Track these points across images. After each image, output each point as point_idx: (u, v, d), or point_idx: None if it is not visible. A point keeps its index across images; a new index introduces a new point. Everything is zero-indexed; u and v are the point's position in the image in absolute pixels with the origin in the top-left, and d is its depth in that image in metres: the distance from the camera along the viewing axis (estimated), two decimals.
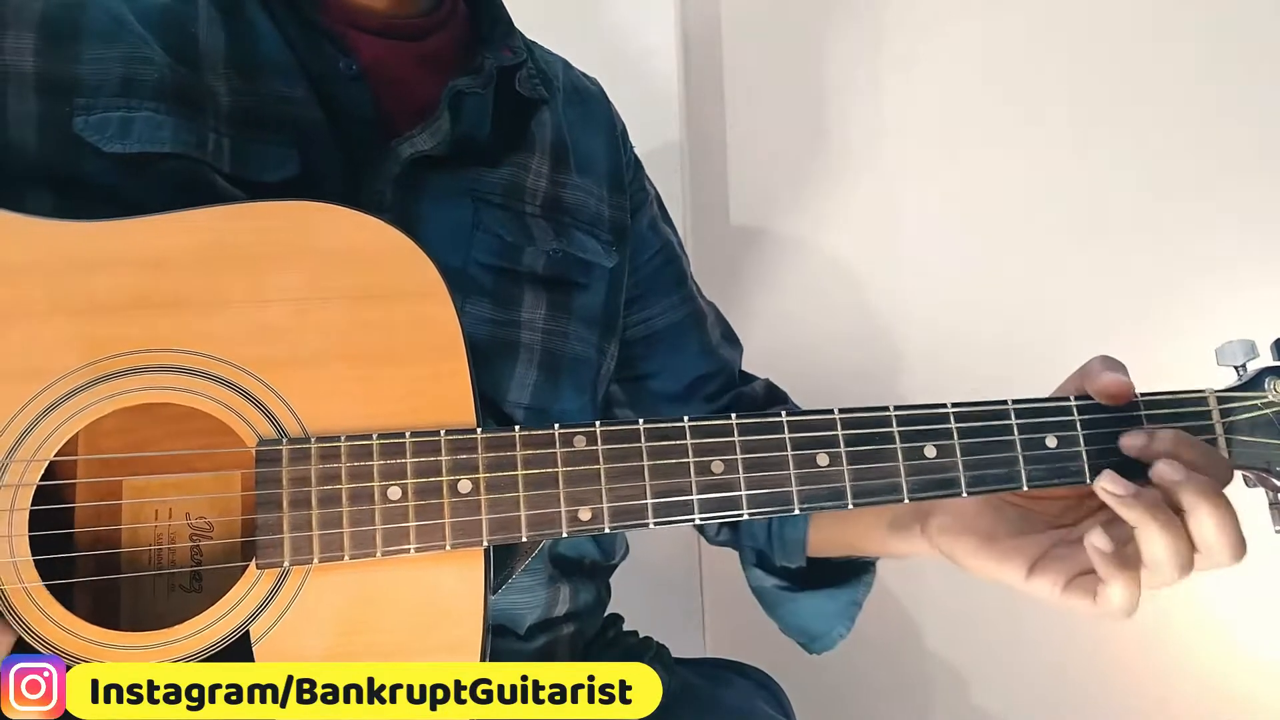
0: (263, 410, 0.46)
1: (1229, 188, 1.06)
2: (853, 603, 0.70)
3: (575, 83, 0.73)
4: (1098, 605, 0.47)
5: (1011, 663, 1.08)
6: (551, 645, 0.65)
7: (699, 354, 0.74)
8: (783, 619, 0.73)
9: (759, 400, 0.75)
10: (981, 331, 1.09)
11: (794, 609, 0.72)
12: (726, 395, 0.75)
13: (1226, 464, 0.49)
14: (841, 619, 0.71)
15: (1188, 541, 0.46)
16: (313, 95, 0.56)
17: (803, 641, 0.73)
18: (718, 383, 0.75)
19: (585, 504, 0.46)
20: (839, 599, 0.70)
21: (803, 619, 0.72)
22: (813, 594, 0.70)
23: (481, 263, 0.60)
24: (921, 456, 0.49)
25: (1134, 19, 1.11)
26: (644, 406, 0.73)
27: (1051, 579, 0.50)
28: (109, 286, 0.46)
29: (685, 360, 0.73)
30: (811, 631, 0.72)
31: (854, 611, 0.71)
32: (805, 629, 0.72)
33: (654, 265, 0.73)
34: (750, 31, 1.19)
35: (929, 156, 1.14)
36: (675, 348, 0.73)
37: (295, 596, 0.45)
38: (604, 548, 0.71)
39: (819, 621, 0.71)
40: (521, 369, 0.61)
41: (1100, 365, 0.51)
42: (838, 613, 0.71)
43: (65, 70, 0.52)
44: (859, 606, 0.71)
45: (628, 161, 0.73)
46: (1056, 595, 0.49)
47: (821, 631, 0.71)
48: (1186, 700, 1.03)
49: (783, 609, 0.73)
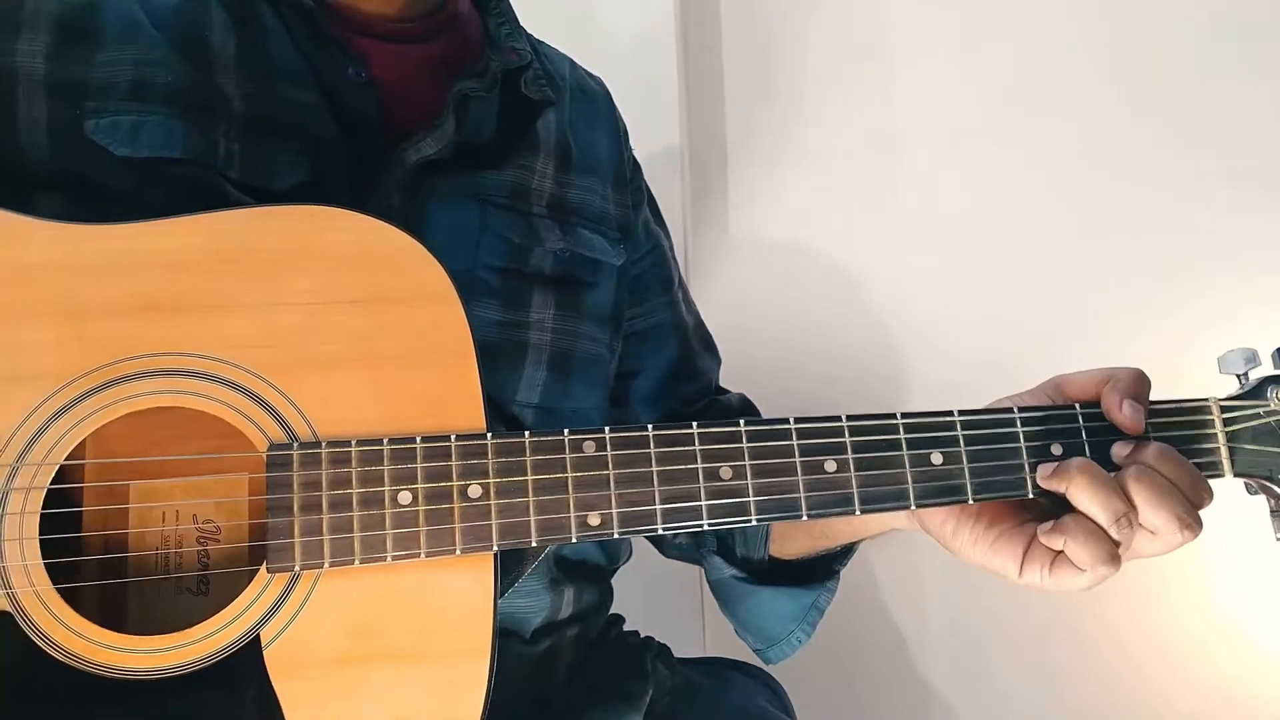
0: (273, 414, 0.46)
1: (1233, 195, 1.07)
2: (814, 607, 0.68)
3: (581, 83, 0.73)
4: (1067, 577, 0.49)
5: (1012, 662, 1.09)
6: (556, 648, 0.65)
7: (678, 358, 0.74)
8: (740, 617, 0.71)
9: (734, 409, 0.76)
10: (982, 338, 1.09)
11: (752, 606, 0.70)
12: (702, 401, 0.75)
13: (1207, 487, 0.49)
14: (801, 623, 0.68)
15: (1121, 500, 0.47)
16: (324, 102, 0.56)
17: (759, 646, 0.71)
18: (694, 388, 0.75)
19: (594, 509, 0.47)
20: (799, 599, 0.68)
21: (760, 618, 0.69)
22: (772, 590, 0.68)
23: (489, 265, 0.60)
24: (928, 463, 0.49)
25: (1135, 20, 1.11)
26: (619, 406, 0.73)
27: (1039, 564, 0.50)
28: (119, 290, 0.46)
29: (664, 363, 0.74)
30: (769, 633, 0.69)
31: (815, 617, 0.68)
32: (762, 629, 0.70)
33: (643, 266, 0.73)
34: (750, 33, 1.19)
35: (930, 160, 1.15)
36: (656, 350, 0.73)
37: (306, 600, 0.45)
38: (609, 552, 0.71)
39: (776, 623, 0.69)
40: (530, 369, 0.61)
41: (1129, 386, 0.50)
42: (797, 615, 0.68)
43: (77, 73, 0.52)
44: (820, 613, 0.69)
45: (628, 160, 0.74)
46: (1047, 578, 0.50)
47: (779, 635, 0.69)
48: (1193, 701, 1.04)
49: (740, 606, 0.70)
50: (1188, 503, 0.47)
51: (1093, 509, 0.47)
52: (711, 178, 1.17)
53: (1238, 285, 1.05)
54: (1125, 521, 0.47)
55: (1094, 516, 0.47)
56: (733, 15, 1.19)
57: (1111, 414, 0.50)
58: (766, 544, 0.68)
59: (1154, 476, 0.47)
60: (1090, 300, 1.09)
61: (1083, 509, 0.48)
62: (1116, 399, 0.50)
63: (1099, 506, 0.47)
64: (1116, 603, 1.07)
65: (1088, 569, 0.47)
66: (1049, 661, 1.08)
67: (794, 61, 1.18)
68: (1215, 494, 0.49)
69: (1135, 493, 0.47)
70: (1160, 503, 0.47)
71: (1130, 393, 0.50)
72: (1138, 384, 0.51)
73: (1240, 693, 1.03)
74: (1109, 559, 0.47)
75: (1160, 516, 0.47)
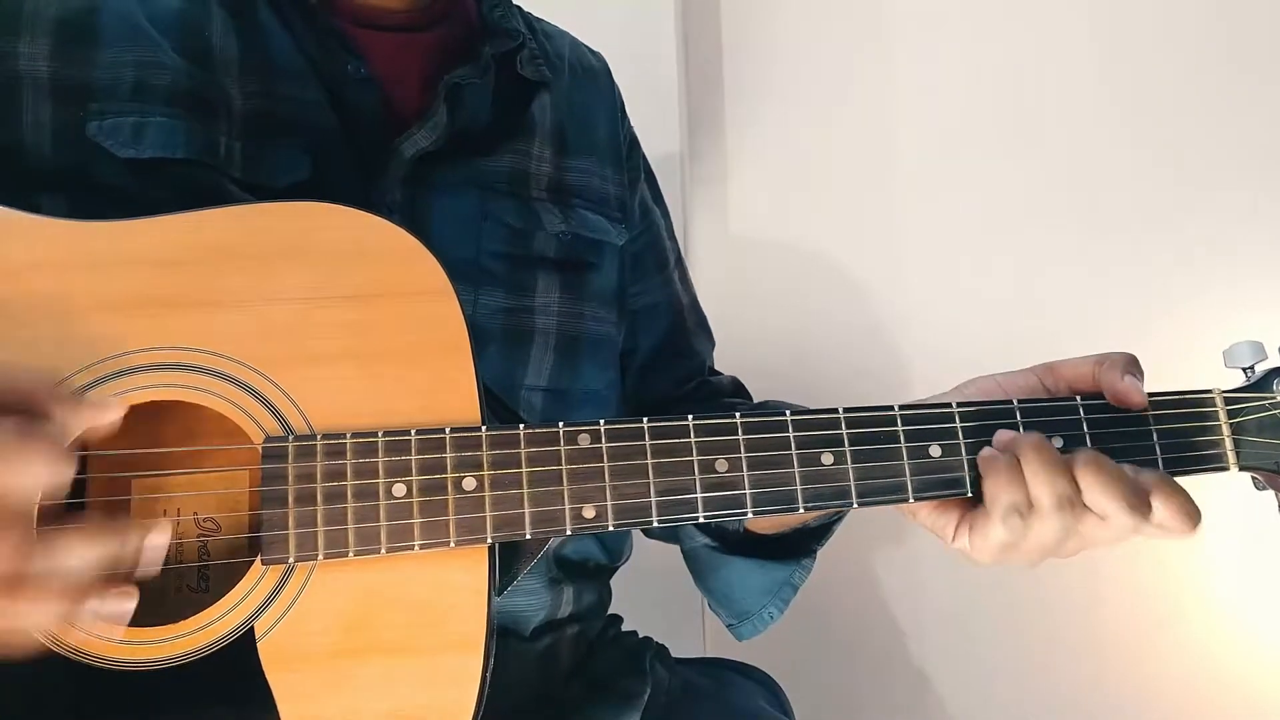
0: (270, 408, 0.46)
1: (1236, 190, 1.06)
2: (787, 583, 0.66)
3: (581, 60, 0.73)
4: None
5: (1011, 662, 1.08)
6: (555, 646, 0.65)
7: (672, 337, 0.74)
8: (712, 588, 0.70)
9: (725, 389, 0.75)
10: (984, 336, 1.09)
11: (724, 576, 0.68)
12: (693, 382, 0.75)
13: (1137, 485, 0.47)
14: (773, 598, 0.67)
15: (1020, 485, 0.46)
16: (325, 98, 0.56)
17: (731, 621, 0.69)
18: (686, 368, 0.75)
19: (589, 501, 0.47)
20: (771, 573, 0.66)
21: (732, 589, 0.68)
22: (745, 560, 0.66)
23: (492, 252, 0.60)
24: (926, 455, 0.49)
25: (1135, 20, 1.10)
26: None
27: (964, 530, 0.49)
28: (119, 285, 0.46)
29: (657, 341, 0.73)
30: (740, 606, 0.68)
31: (788, 594, 0.67)
32: (733, 602, 0.68)
33: (639, 245, 0.73)
34: (751, 33, 1.19)
35: (929, 159, 1.14)
36: (649, 328, 0.73)
37: (300, 593, 0.45)
38: (610, 550, 0.70)
39: (748, 596, 0.67)
40: (538, 353, 0.61)
41: (1124, 365, 0.50)
42: (768, 589, 0.66)
43: (79, 75, 0.52)
44: (794, 590, 0.67)
45: (626, 137, 0.73)
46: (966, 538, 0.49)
47: (750, 608, 0.67)
48: (1195, 696, 1.03)
49: (713, 575, 0.69)
50: (1072, 491, 0.46)
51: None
52: (711, 178, 1.17)
53: (1240, 284, 1.05)
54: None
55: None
56: (733, 15, 1.19)
57: (1114, 387, 0.49)
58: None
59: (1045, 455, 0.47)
60: (1090, 299, 1.08)
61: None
62: (1117, 373, 0.49)
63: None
64: (1117, 601, 1.06)
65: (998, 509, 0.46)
66: (1049, 661, 1.07)
67: (794, 61, 1.18)
68: (1186, 489, 0.48)
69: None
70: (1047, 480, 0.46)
71: (1129, 370, 0.49)
72: (1133, 363, 0.50)
73: (1242, 687, 1.02)
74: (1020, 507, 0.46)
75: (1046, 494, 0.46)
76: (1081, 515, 0.46)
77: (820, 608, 1.09)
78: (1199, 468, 0.50)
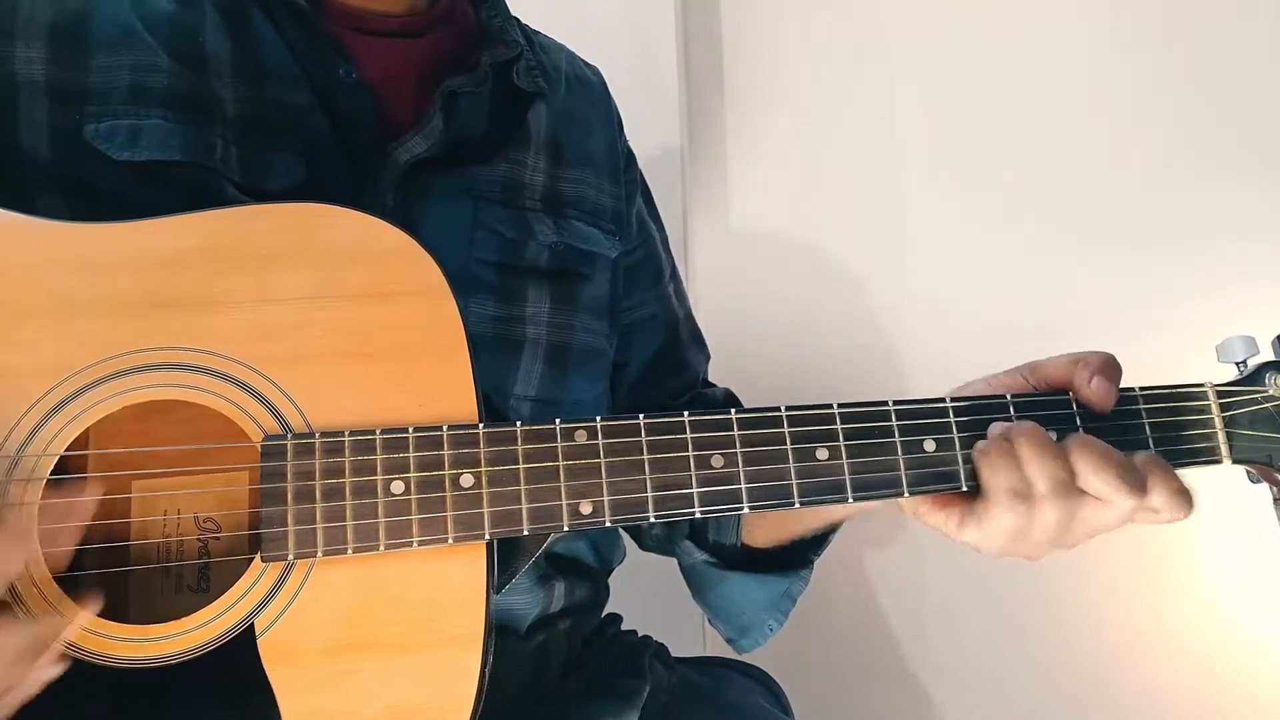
0: (269, 407, 0.46)
1: (1230, 186, 1.06)
2: (785, 595, 0.67)
3: (578, 73, 0.73)
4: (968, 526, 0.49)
5: (1011, 661, 1.08)
6: (549, 641, 0.65)
7: (666, 351, 0.74)
8: (711, 604, 0.70)
9: (718, 402, 0.75)
10: (982, 336, 1.09)
11: (723, 591, 0.69)
12: (686, 395, 0.75)
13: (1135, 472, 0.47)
14: (773, 611, 0.67)
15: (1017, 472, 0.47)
16: (317, 103, 0.57)
17: (730, 636, 0.70)
18: (680, 381, 0.75)
19: (586, 497, 0.47)
20: (770, 587, 0.67)
21: (731, 603, 0.68)
22: (743, 575, 0.67)
23: (484, 260, 0.60)
24: (921, 450, 0.49)
25: (1135, 20, 1.11)
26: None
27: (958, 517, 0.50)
28: (118, 286, 0.47)
29: (651, 355, 0.74)
30: (740, 620, 0.68)
31: (786, 606, 0.67)
32: (733, 616, 0.69)
33: (635, 259, 0.73)
34: (751, 33, 1.19)
35: (930, 158, 1.15)
36: (644, 342, 0.73)
37: (299, 590, 0.45)
38: (601, 554, 0.71)
39: (748, 610, 0.68)
40: (527, 362, 0.61)
41: (1096, 367, 0.50)
42: (768, 603, 0.67)
43: (75, 79, 0.53)
44: (792, 602, 0.67)
45: (623, 151, 0.74)
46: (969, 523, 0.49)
47: (751, 622, 0.68)
48: (1192, 694, 1.03)
49: (711, 591, 0.70)
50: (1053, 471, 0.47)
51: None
52: (711, 177, 1.18)
53: (1239, 284, 1.05)
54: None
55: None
56: (733, 15, 1.19)
57: (1080, 390, 0.50)
58: (739, 530, 0.67)
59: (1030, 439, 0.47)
60: (1090, 297, 1.08)
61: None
62: (1086, 375, 0.50)
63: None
64: (1116, 601, 1.06)
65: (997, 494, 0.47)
66: (1049, 660, 1.07)
67: (794, 61, 1.18)
68: (1193, 486, 0.48)
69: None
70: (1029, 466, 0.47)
71: (1099, 372, 0.50)
72: (1107, 365, 0.50)
73: (1240, 685, 1.02)
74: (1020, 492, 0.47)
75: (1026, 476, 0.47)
76: (1080, 500, 0.46)
77: (819, 607, 1.08)
78: (1192, 460, 0.51)
